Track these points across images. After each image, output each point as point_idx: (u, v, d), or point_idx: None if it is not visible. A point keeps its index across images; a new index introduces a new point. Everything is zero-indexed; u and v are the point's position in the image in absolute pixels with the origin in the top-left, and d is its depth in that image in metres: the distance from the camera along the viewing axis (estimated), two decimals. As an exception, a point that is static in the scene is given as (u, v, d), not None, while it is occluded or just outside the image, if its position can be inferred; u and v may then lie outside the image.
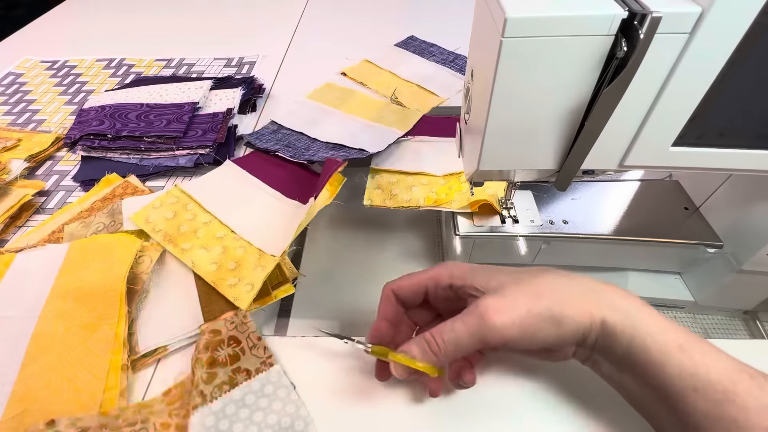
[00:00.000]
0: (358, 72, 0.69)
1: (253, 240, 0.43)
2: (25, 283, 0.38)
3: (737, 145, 0.28)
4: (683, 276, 0.54)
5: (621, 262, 0.55)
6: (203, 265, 0.40)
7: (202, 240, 0.42)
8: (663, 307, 0.55)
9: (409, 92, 0.64)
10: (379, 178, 0.51)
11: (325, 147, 0.54)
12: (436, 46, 0.75)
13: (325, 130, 0.57)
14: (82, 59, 0.78)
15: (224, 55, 0.76)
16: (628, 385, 0.26)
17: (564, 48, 0.24)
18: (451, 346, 0.26)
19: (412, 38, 0.77)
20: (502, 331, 0.25)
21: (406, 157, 0.54)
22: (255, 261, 0.41)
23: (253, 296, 0.37)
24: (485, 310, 0.25)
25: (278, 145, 0.54)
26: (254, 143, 0.55)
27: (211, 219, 0.45)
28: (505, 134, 0.28)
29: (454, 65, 0.70)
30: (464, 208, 0.47)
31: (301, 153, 0.53)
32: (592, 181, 0.54)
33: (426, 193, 0.48)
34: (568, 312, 0.25)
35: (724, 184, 0.46)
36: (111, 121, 0.57)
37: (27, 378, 0.32)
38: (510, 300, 0.26)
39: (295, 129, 0.57)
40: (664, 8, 0.22)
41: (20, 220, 0.48)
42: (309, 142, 0.56)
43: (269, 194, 0.48)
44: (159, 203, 0.45)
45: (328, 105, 0.62)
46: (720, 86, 0.25)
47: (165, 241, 0.42)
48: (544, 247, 0.50)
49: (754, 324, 0.53)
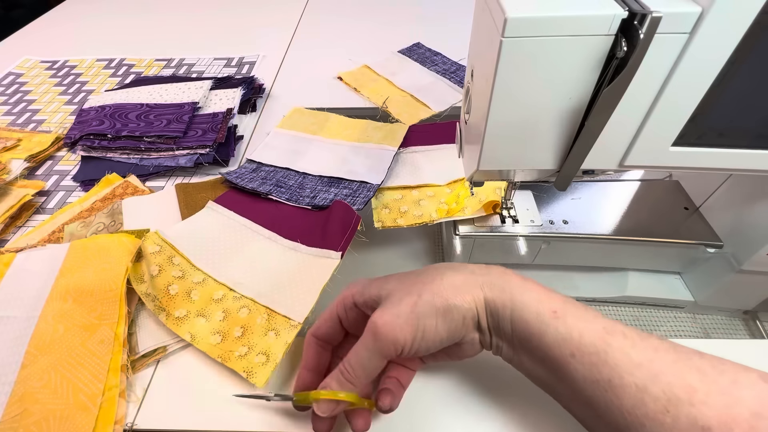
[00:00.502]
0: (354, 77, 0.68)
1: (257, 297, 0.37)
2: (25, 283, 0.38)
3: (737, 145, 0.28)
4: (683, 276, 0.54)
5: (621, 262, 0.55)
6: (205, 338, 0.34)
7: (197, 304, 0.36)
8: (663, 307, 0.55)
9: (401, 102, 0.62)
10: (382, 197, 0.48)
11: (320, 182, 0.49)
12: (440, 55, 0.73)
13: (312, 160, 0.52)
14: (82, 59, 0.78)
15: (224, 55, 0.77)
16: (527, 365, 0.26)
17: (564, 48, 0.24)
18: (359, 369, 0.26)
19: (417, 45, 0.76)
20: (393, 338, 0.25)
21: (404, 171, 0.51)
22: (264, 323, 0.35)
23: (271, 369, 0.32)
24: (374, 324, 0.26)
25: (267, 185, 0.48)
26: (237, 183, 0.48)
27: (204, 277, 0.39)
28: (505, 134, 0.28)
29: (454, 76, 0.68)
30: (478, 212, 0.46)
31: (298, 194, 0.47)
32: (592, 181, 0.54)
33: (436, 205, 0.47)
34: (452, 300, 0.26)
35: (724, 184, 0.46)
36: (111, 121, 0.57)
37: (27, 378, 0.32)
38: (394, 306, 0.26)
39: (278, 165, 0.52)
40: (664, 8, 0.22)
41: (20, 220, 0.48)
42: (300, 178, 0.50)
43: (264, 236, 0.43)
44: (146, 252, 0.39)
45: (305, 132, 0.57)
46: (720, 86, 0.25)
47: (157, 309, 0.36)
48: (544, 247, 0.50)
49: (754, 324, 0.53)
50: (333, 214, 0.43)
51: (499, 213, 0.48)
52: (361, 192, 0.47)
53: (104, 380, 0.32)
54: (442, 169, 0.51)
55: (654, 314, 0.55)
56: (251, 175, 0.50)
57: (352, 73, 0.69)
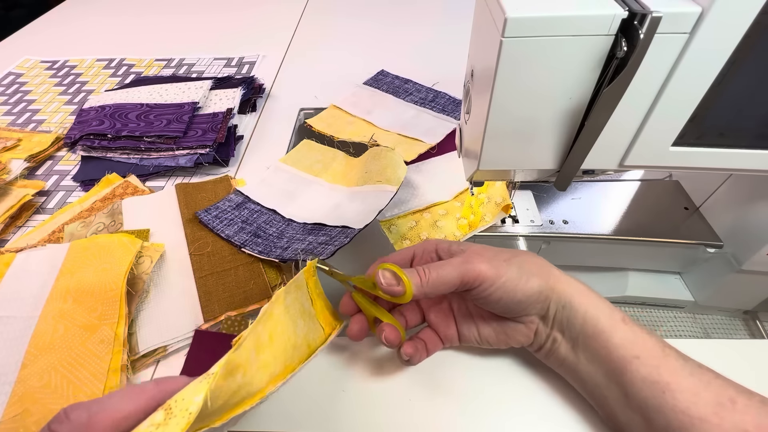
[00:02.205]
0: (325, 122, 0.59)
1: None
2: (25, 283, 0.38)
3: (737, 145, 0.28)
4: (683, 276, 0.54)
5: (621, 262, 0.55)
6: None
7: None
8: (663, 307, 0.55)
9: (390, 142, 0.55)
10: (397, 229, 0.46)
11: (301, 229, 0.44)
12: (412, 82, 0.65)
13: (303, 206, 0.48)
14: (82, 59, 0.78)
15: (224, 55, 0.77)
16: (582, 363, 0.28)
17: (564, 48, 0.24)
18: (435, 277, 0.28)
19: (382, 74, 0.68)
20: (480, 268, 0.28)
21: (406, 194, 0.49)
22: None
23: None
24: (470, 249, 0.30)
25: (245, 233, 0.44)
26: (214, 227, 0.44)
27: None
28: (505, 134, 0.28)
29: (435, 105, 0.61)
30: (498, 216, 0.46)
31: (273, 245, 0.42)
32: (592, 181, 0.54)
33: (454, 223, 0.46)
34: (533, 274, 0.28)
35: (724, 184, 0.46)
36: (111, 121, 0.57)
37: (27, 378, 0.32)
38: (488, 252, 0.30)
39: (266, 205, 0.47)
40: (664, 8, 0.22)
41: (20, 220, 0.48)
42: (283, 225, 0.45)
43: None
44: None
45: (309, 173, 0.52)
46: (720, 86, 0.25)
47: None
48: (544, 247, 0.50)
49: (754, 324, 0.53)
50: None
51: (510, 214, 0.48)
52: (338, 238, 0.41)
53: (104, 380, 0.32)
54: (442, 183, 0.50)
55: (654, 314, 0.55)
56: (232, 214, 0.46)
57: (322, 117, 0.60)
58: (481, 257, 0.28)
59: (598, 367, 0.27)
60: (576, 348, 0.28)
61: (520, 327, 0.29)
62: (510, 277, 0.28)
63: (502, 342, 0.31)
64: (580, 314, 0.27)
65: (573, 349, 0.28)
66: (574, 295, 0.28)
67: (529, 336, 0.30)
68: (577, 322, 0.27)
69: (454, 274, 0.28)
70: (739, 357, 0.32)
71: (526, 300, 0.28)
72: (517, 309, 0.28)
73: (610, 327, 0.27)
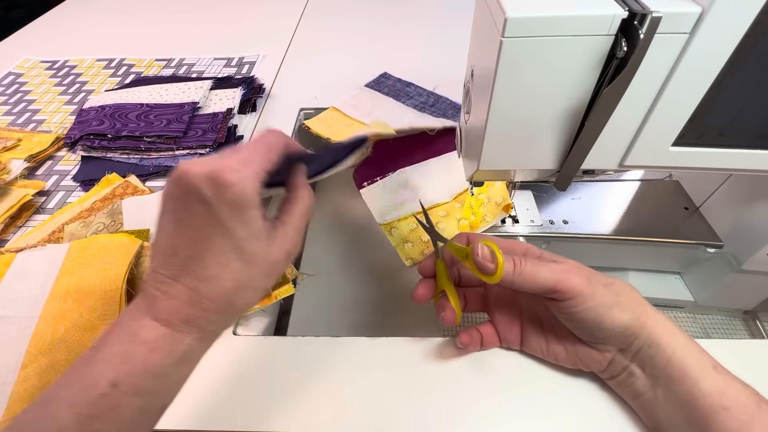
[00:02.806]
0: (324, 124, 0.58)
1: None
2: (25, 283, 0.38)
3: (737, 145, 0.28)
4: (683, 276, 0.54)
5: (621, 262, 0.55)
6: None
7: None
8: (663, 307, 0.55)
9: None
10: (396, 231, 0.46)
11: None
12: (413, 86, 0.64)
13: None
14: (82, 59, 0.78)
15: (224, 55, 0.76)
16: (660, 403, 0.26)
17: (564, 48, 0.24)
18: (528, 269, 0.27)
19: (385, 76, 0.67)
20: (573, 279, 0.27)
21: (405, 195, 0.49)
22: None
23: None
24: (569, 265, 0.28)
25: None
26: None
27: None
28: (505, 134, 0.28)
29: (435, 110, 0.59)
30: (499, 216, 0.46)
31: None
32: (592, 181, 0.54)
33: (455, 224, 0.46)
34: (627, 307, 0.27)
35: (724, 184, 0.46)
36: (111, 121, 0.57)
37: (27, 378, 0.32)
38: (587, 270, 0.29)
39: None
40: (664, 8, 0.22)
41: (20, 220, 0.48)
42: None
43: None
44: None
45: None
46: (720, 86, 0.25)
47: None
48: (544, 247, 0.50)
49: (754, 324, 0.53)
50: None
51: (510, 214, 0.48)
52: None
53: (104, 380, 0.32)
54: (440, 184, 0.50)
55: (654, 314, 0.55)
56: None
57: (321, 119, 0.59)
58: (581, 273, 0.27)
59: (679, 411, 0.25)
60: (656, 386, 0.27)
61: (594, 353, 0.28)
62: (604, 301, 0.26)
63: (570, 362, 0.30)
64: (667, 355, 0.26)
65: (652, 387, 0.27)
66: (663, 335, 0.26)
67: (602, 363, 0.28)
68: (661, 362, 0.26)
69: (550, 276, 0.27)
70: (739, 357, 0.32)
71: (612, 330, 0.27)
72: (599, 336, 0.27)
73: (699, 373, 0.25)
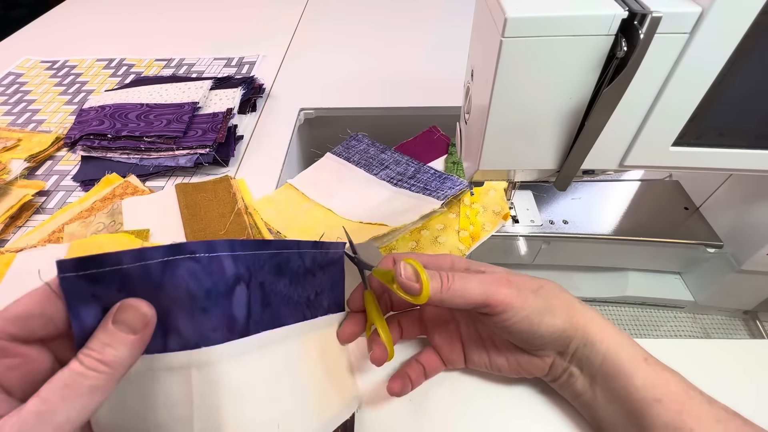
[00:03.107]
0: (276, 209, 0.47)
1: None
2: (25, 283, 0.37)
3: (737, 145, 0.28)
4: (683, 276, 0.54)
5: (621, 262, 0.55)
6: None
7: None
8: (663, 307, 0.55)
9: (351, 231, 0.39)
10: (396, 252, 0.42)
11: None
12: (389, 152, 0.53)
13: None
14: (82, 59, 0.78)
15: (224, 55, 0.76)
16: (599, 401, 0.27)
17: (564, 48, 0.24)
18: (458, 286, 0.26)
19: (356, 139, 0.56)
20: (504, 292, 0.26)
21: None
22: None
23: None
24: (496, 276, 0.27)
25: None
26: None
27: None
28: (505, 134, 0.28)
29: (415, 182, 0.49)
30: (498, 225, 0.45)
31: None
32: (592, 181, 0.54)
33: (455, 236, 0.44)
34: (559, 311, 0.27)
35: (724, 184, 0.46)
36: (111, 121, 0.57)
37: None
38: (515, 278, 0.28)
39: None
40: (664, 8, 0.22)
41: (20, 220, 0.48)
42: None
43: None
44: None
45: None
46: (720, 86, 0.25)
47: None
48: (544, 247, 0.50)
49: (754, 324, 0.53)
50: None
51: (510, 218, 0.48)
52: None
53: (104, 380, 0.32)
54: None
55: (654, 314, 0.55)
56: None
57: (272, 200, 0.48)
58: (509, 283, 0.27)
59: (616, 407, 0.26)
60: (594, 385, 0.27)
61: (535, 360, 0.28)
62: (535, 309, 0.26)
63: (514, 371, 0.30)
64: (601, 352, 0.26)
65: (591, 386, 0.27)
66: (596, 333, 0.26)
67: (543, 368, 0.29)
68: (596, 360, 0.26)
69: (479, 291, 0.26)
70: (739, 357, 0.32)
71: (548, 336, 0.27)
72: (536, 343, 0.27)
73: (632, 367, 0.25)
